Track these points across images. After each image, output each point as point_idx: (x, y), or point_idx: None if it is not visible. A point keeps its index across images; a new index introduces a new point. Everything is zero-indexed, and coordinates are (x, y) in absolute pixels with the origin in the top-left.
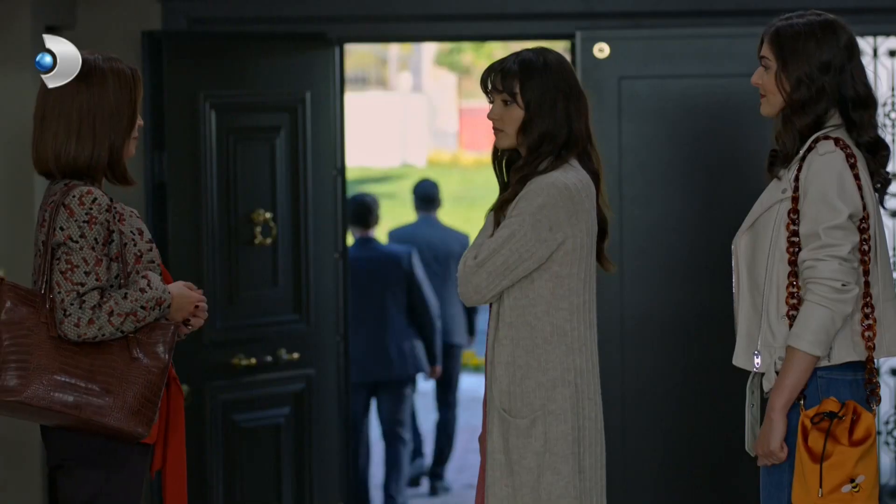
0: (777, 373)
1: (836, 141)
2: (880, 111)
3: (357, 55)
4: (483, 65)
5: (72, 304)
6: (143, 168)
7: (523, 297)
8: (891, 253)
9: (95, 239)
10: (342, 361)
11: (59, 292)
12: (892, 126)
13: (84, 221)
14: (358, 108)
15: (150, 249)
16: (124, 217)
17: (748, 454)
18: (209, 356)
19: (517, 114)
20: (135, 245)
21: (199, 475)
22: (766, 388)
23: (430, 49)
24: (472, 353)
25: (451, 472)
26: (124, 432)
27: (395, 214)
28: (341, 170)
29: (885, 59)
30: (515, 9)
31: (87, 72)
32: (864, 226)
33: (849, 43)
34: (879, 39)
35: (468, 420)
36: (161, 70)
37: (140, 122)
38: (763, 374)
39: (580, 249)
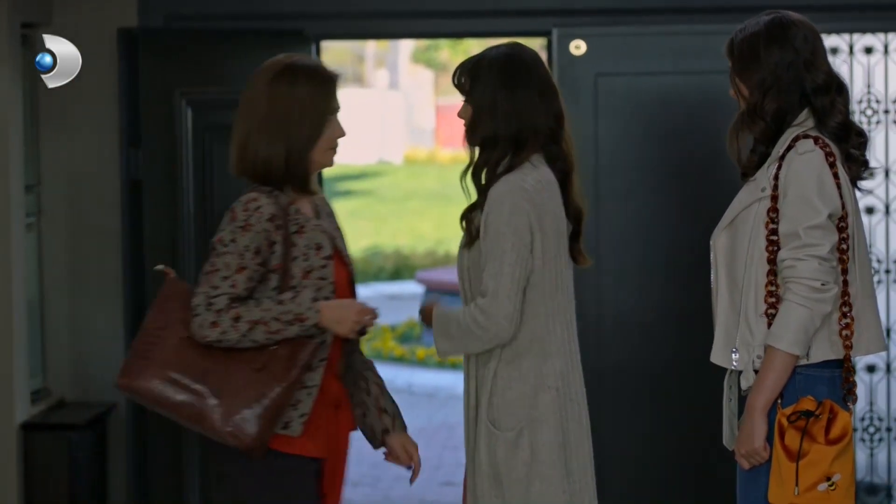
0: (755, 371)
1: (816, 140)
2: (856, 108)
3: (334, 52)
4: (460, 62)
5: (200, 305)
6: (118, 165)
7: None
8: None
9: (246, 246)
10: None
11: (197, 292)
12: (869, 122)
13: (239, 227)
14: None
15: (325, 266)
16: (305, 230)
17: (727, 451)
18: None
19: (470, 113)
20: (306, 260)
21: (175, 480)
22: (743, 386)
23: (406, 46)
24: None
25: (428, 469)
26: (225, 440)
27: (372, 211)
28: None
29: (860, 56)
30: (492, 5)
31: (279, 72)
32: (843, 225)
33: (802, 37)
34: (855, 36)
35: (446, 417)
36: (137, 67)
37: (340, 131)
38: (741, 372)
39: (549, 251)
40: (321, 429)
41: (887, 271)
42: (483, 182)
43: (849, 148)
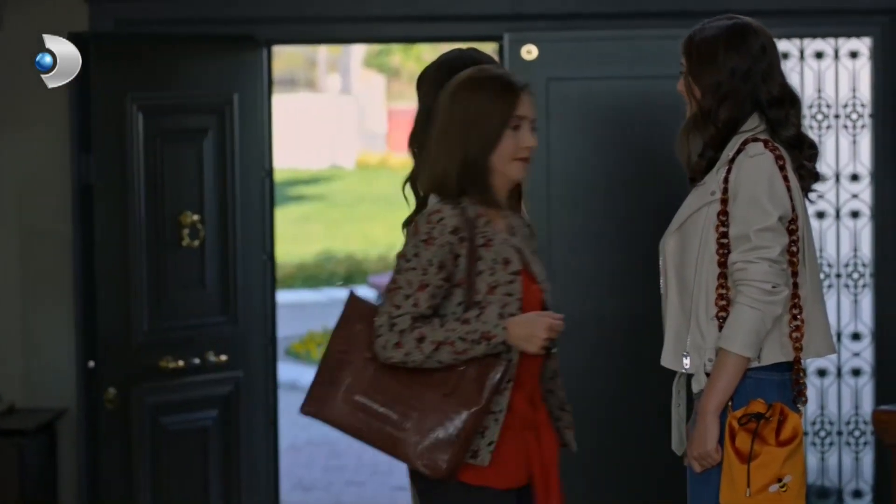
0: (707, 374)
1: (766, 143)
2: (806, 113)
3: (286, 57)
4: (412, 66)
5: (383, 326)
6: (69, 170)
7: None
8: (818, 254)
9: (429, 261)
10: (270, 364)
11: (380, 312)
12: (819, 127)
13: (422, 241)
14: (287, 109)
15: (512, 282)
16: (492, 243)
17: (677, 455)
18: (136, 359)
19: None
20: (492, 275)
21: (127, 479)
22: (695, 390)
23: (358, 51)
24: None
25: (380, 474)
26: (417, 469)
27: (324, 216)
28: (269, 171)
29: (811, 61)
30: (444, 11)
31: (463, 80)
32: (793, 227)
33: (760, 47)
34: (806, 41)
35: None
36: (88, 71)
37: (526, 140)
38: (692, 375)
39: None
40: (514, 456)
41: (838, 275)
42: (423, 190)
43: (801, 159)
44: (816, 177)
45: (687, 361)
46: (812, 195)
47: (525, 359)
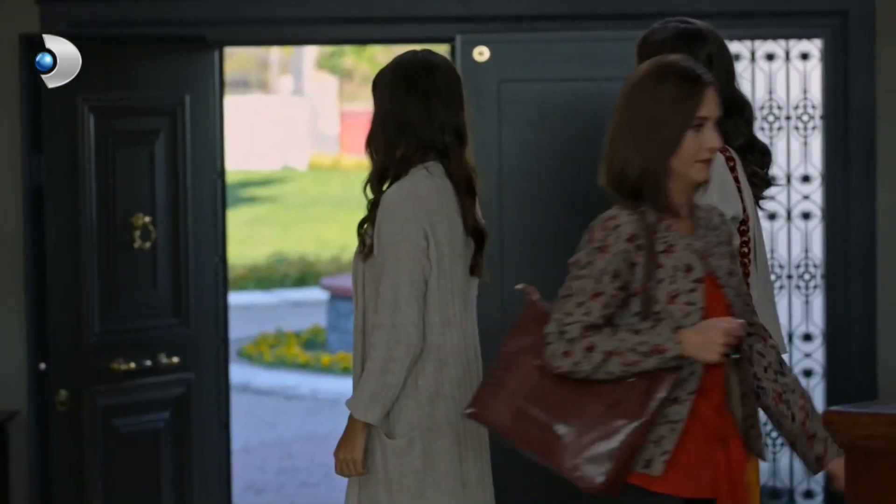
0: None
1: None
2: (758, 114)
3: (238, 58)
4: (365, 68)
5: (552, 333)
6: (20, 171)
7: None
8: (768, 256)
9: (603, 269)
10: (222, 366)
11: (551, 319)
12: (770, 129)
13: (596, 248)
14: (239, 111)
15: (693, 290)
16: (674, 249)
17: None
18: (88, 361)
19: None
20: (672, 283)
21: (79, 481)
22: None
23: (311, 52)
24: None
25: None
26: (573, 481)
27: (276, 218)
28: (221, 173)
29: (762, 63)
30: (396, 12)
31: (647, 72)
32: (744, 228)
33: (707, 56)
34: (757, 43)
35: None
36: (39, 72)
37: (710, 141)
38: None
39: (443, 259)
40: (697, 466)
41: (789, 277)
42: (373, 192)
43: (753, 166)
44: (769, 183)
45: None
46: (763, 197)
47: (709, 367)
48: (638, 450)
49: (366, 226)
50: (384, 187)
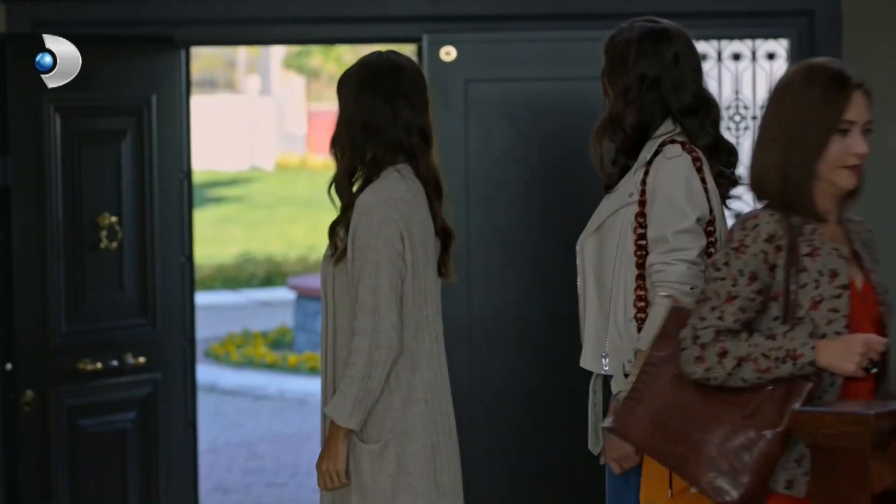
0: (626, 375)
1: (683, 145)
2: (724, 114)
3: (205, 58)
4: (332, 68)
5: (686, 339)
6: None
7: None
8: None
9: (740, 271)
10: (189, 366)
11: (687, 323)
12: (737, 129)
13: (734, 248)
14: (206, 111)
15: (838, 296)
16: (819, 253)
17: (594, 456)
18: (54, 361)
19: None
20: (816, 288)
21: (45, 481)
22: (614, 391)
23: (278, 52)
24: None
25: (300, 475)
26: (708, 492)
27: (243, 218)
28: (188, 173)
29: (728, 63)
30: (363, 12)
31: (797, 73)
32: (711, 229)
33: (674, 55)
34: (724, 43)
35: (317, 424)
36: (4, 73)
37: (856, 146)
38: (609, 377)
39: (417, 262)
40: None
41: None
42: (344, 193)
43: (719, 166)
44: (735, 183)
45: (606, 363)
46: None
47: (850, 381)
48: (775, 461)
49: (338, 228)
50: (353, 189)
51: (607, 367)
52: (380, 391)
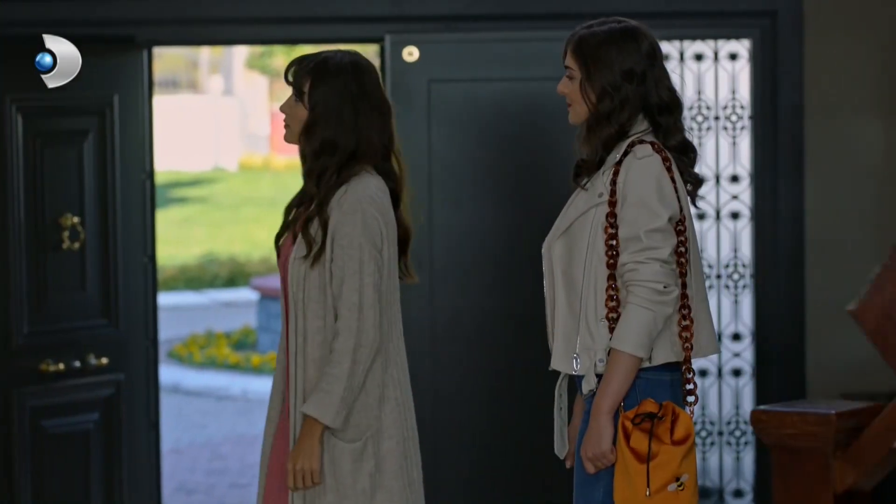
0: (597, 375)
1: (653, 144)
2: (686, 114)
3: (168, 58)
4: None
5: None
6: None
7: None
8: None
9: None
10: (152, 366)
11: None
12: (699, 129)
13: None
14: (169, 111)
15: None
16: None
17: (559, 457)
18: (17, 362)
19: (302, 113)
20: None
21: (7, 482)
22: (585, 391)
23: (241, 52)
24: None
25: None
26: None
27: (206, 218)
28: (150, 173)
29: (691, 63)
30: (325, 12)
31: None
32: (681, 228)
33: (650, 49)
34: (686, 43)
35: None
36: None
37: None
38: (583, 377)
39: (391, 260)
40: None
41: (718, 276)
42: (319, 187)
43: (685, 166)
44: (700, 182)
45: (577, 363)
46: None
47: None
48: None
49: (312, 227)
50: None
51: (578, 368)
52: (360, 389)
